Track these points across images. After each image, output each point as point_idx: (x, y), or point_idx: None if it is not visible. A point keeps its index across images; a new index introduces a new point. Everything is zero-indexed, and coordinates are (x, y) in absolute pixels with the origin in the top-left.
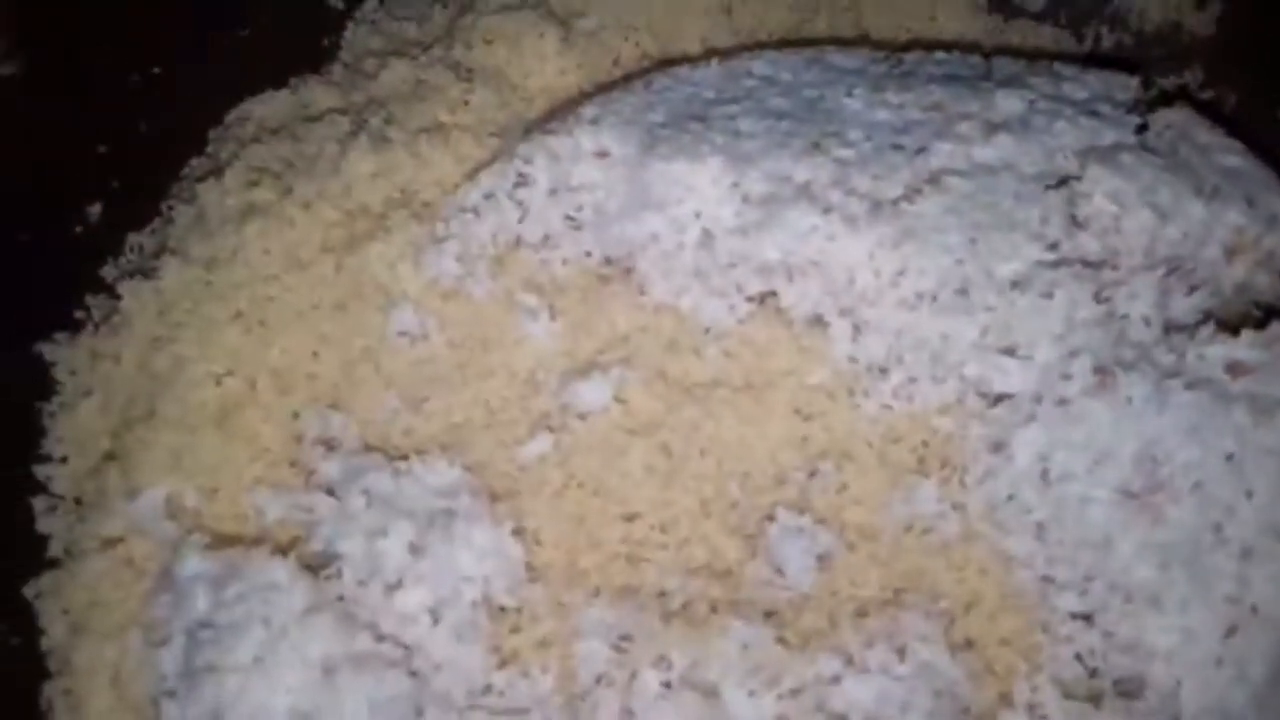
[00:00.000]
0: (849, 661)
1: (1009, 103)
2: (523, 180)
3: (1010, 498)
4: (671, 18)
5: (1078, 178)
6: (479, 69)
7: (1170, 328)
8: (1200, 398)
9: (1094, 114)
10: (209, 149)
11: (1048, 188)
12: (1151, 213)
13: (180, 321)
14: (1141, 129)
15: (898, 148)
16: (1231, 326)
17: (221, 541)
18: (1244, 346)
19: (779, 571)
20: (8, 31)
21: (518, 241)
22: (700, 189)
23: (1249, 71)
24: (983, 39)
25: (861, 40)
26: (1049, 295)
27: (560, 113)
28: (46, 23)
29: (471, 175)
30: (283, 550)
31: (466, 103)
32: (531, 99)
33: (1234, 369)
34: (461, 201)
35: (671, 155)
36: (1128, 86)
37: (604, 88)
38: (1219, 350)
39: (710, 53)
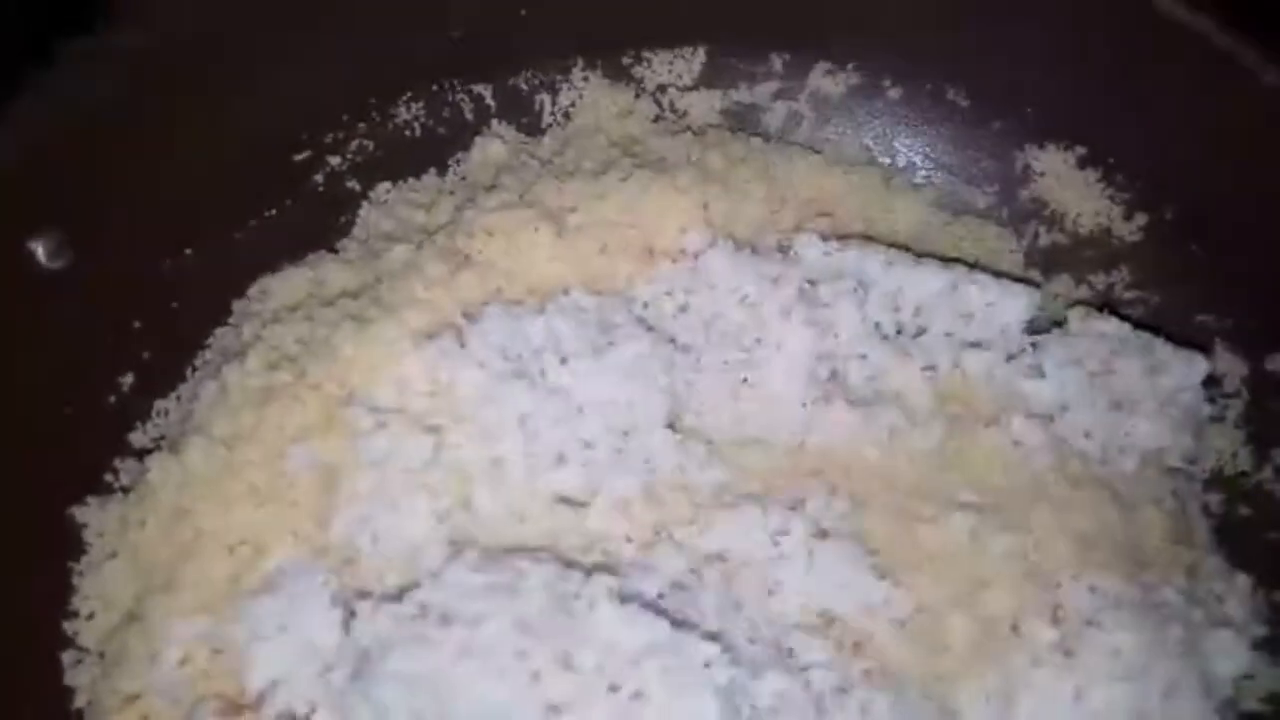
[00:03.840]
0: None
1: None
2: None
3: None
4: (654, 213)
5: None
6: (475, 257)
7: None
8: None
9: None
10: (231, 319)
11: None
12: None
13: (201, 495)
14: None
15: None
16: None
17: (230, 707)
18: None
19: None
20: (59, 229)
21: None
22: None
23: (1170, 275)
24: (932, 231)
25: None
26: None
27: None
28: (92, 218)
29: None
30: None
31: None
32: (515, 280)
33: None
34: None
35: None
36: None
37: None
38: None
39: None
